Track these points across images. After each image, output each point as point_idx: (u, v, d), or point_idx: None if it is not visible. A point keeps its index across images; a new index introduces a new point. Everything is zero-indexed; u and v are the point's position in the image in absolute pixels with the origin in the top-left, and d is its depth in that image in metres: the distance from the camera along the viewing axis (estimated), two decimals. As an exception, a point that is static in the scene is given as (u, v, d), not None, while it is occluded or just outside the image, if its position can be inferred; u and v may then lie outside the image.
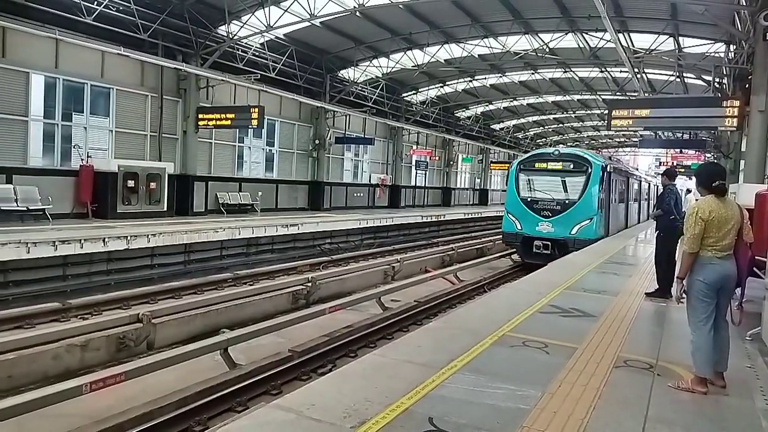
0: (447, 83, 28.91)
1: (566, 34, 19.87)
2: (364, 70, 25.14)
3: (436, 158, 35.58)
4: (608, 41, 18.10)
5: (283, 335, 7.70)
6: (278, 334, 7.59)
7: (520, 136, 46.38)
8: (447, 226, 27.60)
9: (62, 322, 8.13)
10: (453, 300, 11.35)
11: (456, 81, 28.28)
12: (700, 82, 19.80)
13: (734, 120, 12.51)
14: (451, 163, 37.88)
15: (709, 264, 4.11)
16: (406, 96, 30.56)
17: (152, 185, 16.35)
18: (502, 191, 23.18)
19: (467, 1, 18.58)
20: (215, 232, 14.68)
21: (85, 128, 15.78)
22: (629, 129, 18.56)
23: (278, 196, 22.91)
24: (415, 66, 24.25)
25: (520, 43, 21.59)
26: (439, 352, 4.71)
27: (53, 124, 15.02)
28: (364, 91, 26.81)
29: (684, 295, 4.23)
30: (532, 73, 26.80)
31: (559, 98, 32.78)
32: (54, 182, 14.65)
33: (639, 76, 18.38)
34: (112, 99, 16.32)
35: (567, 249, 13.54)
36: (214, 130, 19.16)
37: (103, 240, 11.80)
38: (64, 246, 11.07)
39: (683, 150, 33.93)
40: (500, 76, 27.71)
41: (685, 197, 14.76)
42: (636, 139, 39.85)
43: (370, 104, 27.10)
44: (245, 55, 19.57)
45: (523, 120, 40.48)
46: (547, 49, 21.14)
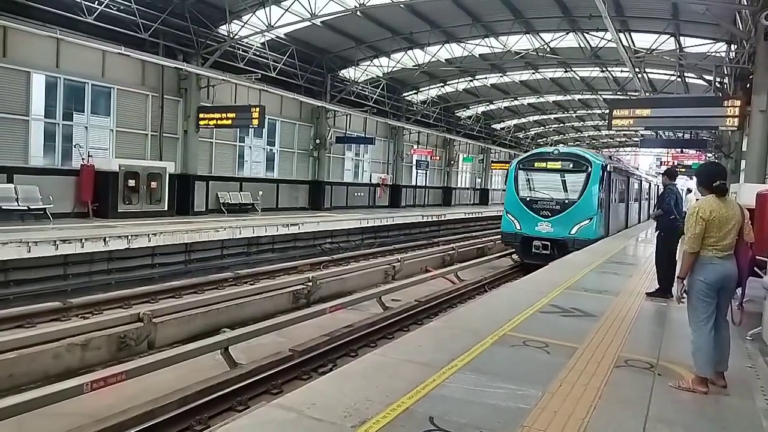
0: (448, 83, 28.89)
1: (567, 33, 19.85)
2: (365, 70, 25.14)
3: (437, 158, 35.58)
4: (609, 41, 18.07)
5: (284, 335, 7.71)
6: (279, 333, 7.60)
7: (520, 136, 46.35)
8: (447, 225, 27.59)
9: (63, 321, 8.14)
10: (453, 299, 11.35)
11: (457, 80, 28.25)
12: (701, 81, 19.79)
13: (735, 120, 12.47)
14: (452, 162, 37.85)
15: (709, 264, 4.11)
16: (407, 95, 30.55)
17: (153, 185, 16.37)
18: (503, 191, 23.11)
19: (468, 1, 18.55)
20: (216, 232, 14.69)
21: (86, 128, 15.79)
22: (630, 129, 18.56)
23: (279, 195, 22.93)
24: (415, 65, 24.23)
25: (520, 42, 21.56)
26: (439, 351, 4.71)
27: (54, 124, 15.03)
28: (365, 91, 26.80)
29: (685, 295, 4.22)
30: (533, 73, 26.76)
31: (560, 98, 32.75)
32: (55, 182, 14.66)
33: (640, 75, 18.35)
34: (113, 98, 16.34)
35: (566, 249, 13.45)
36: (214, 129, 19.21)
37: (104, 239, 11.81)
38: (65, 245, 11.08)
39: (684, 150, 33.91)
40: (501, 76, 27.69)
41: (685, 197, 14.76)
42: (637, 139, 39.79)
43: (370, 104, 27.09)
44: (246, 54, 19.57)
45: (523, 120, 40.45)
46: (548, 49, 21.11)
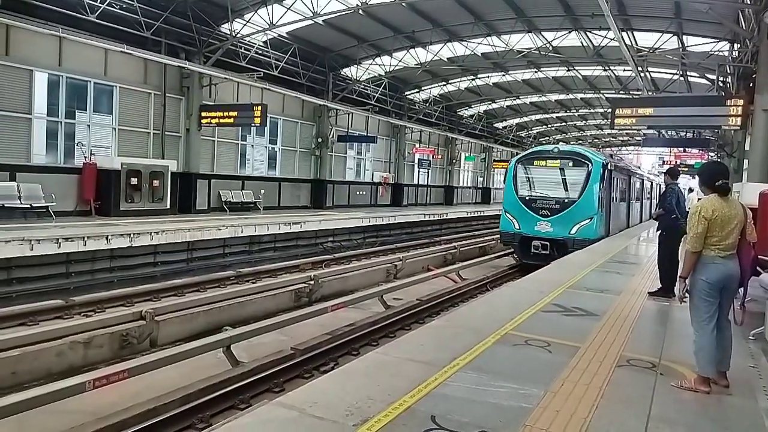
0: (450, 81, 28.85)
1: (569, 32, 19.79)
2: (367, 68, 25.12)
3: (439, 156, 35.55)
4: (612, 40, 18.02)
5: (286, 333, 7.72)
6: (281, 332, 7.61)
7: (523, 135, 46.28)
8: (449, 224, 27.57)
9: (65, 319, 8.16)
10: (455, 298, 11.34)
11: (459, 79, 28.22)
12: (703, 80, 19.74)
13: (738, 119, 12.42)
14: (454, 161, 37.83)
15: (712, 263, 4.10)
16: (409, 94, 30.52)
17: (155, 183, 16.38)
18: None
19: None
20: (218, 230, 14.71)
21: (89, 126, 15.82)
22: (632, 128, 18.59)
23: (281, 194, 22.95)
24: (417, 64, 24.20)
25: (523, 41, 21.50)
26: (441, 350, 4.71)
27: (56, 122, 15.06)
28: (367, 90, 26.78)
29: (687, 295, 4.22)
30: (536, 72, 26.71)
31: (563, 97, 32.70)
32: (57, 180, 14.68)
33: (642, 74, 18.30)
34: (115, 97, 16.35)
35: (566, 249, 13.20)
36: (217, 128, 19.26)
37: (106, 237, 11.83)
38: (68, 243, 11.11)
39: (687, 149, 33.89)
40: (503, 75, 27.63)
41: (687, 196, 14.71)
42: (639, 138, 39.79)
43: (372, 102, 27.07)
44: (248, 53, 19.57)
45: (526, 118, 40.39)
46: (551, 48, 21.08)
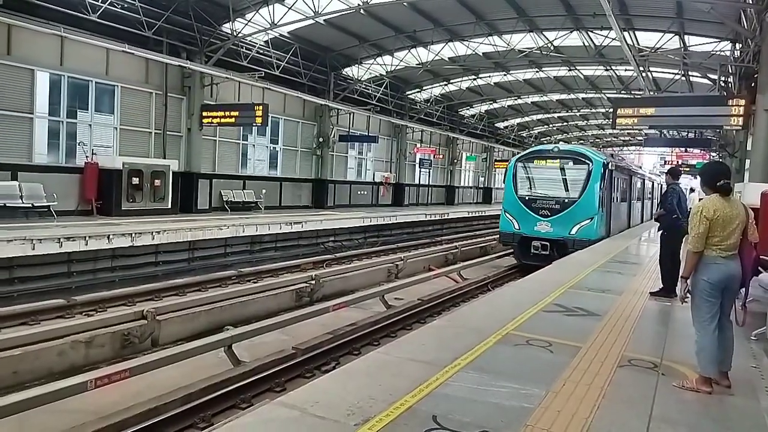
0: (451, 81, 28.83)
1: (571, 32, 19.76)
2: (368, 68, 25.12)
3: (440, 156, 35.54)
4: (613, 39, 17.99)
5: (287, 333, 7.73)
6: (282, 331, 7.62)
7: (524, 135, 46.25)
8: (450, 224, 27.56)
9: (67, 318, 8.17)
10: (457, 298, 11.33)
11: (460, 79, 28.21)
12: (705, 80, 19.71)
13: (740, 119, 12.41)
14: (455, 161, 37.82)
15: (713, 263, 4.09)
16: (410, 94, 30.51)
17: (157, 182, 16.40)
18: (505, 189, 23.02)
19: (472, -1, 18.55)
20: (219, 230, 14.72)
21: (90, 125, 15.83)
22: (634, 128, 18.57)
23: (282, 193, 22.96)
24: (419, 64, 24.18)
25: (524, 41, 21.48)
26: (443, 350, 4.71)
27: (58, 121, 15.07)
28: (368, 89, 26.77)
29: (688, 295, 4.21)
30: (537, 72, 26.69)
31: (564, 97, 32.65)
32: (59, 179, 14.70)
33: (644, 74, 18.28)
34: (117, 96, 16.36)
35: (566, 250, 13.07)
36: (218, 127, 19.27)
37: (108, 237, 11.84)
38: (69, 243, 11.12)
39: (688, 149, 33.86)
40: (505, 75, 27.60)
41: (689, 196, 14.67)
42: (641, 138, 39.71)
43: (374, 102, 27.05)
44: (249, 52, 19.57)
45: (527, 118, 40.36)
46: (552, 48, 21.06)
